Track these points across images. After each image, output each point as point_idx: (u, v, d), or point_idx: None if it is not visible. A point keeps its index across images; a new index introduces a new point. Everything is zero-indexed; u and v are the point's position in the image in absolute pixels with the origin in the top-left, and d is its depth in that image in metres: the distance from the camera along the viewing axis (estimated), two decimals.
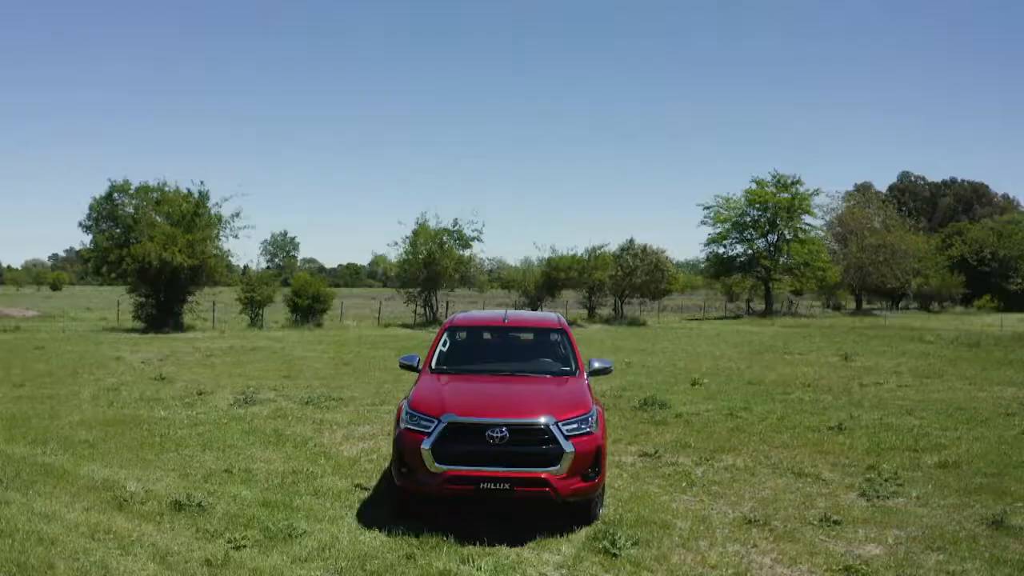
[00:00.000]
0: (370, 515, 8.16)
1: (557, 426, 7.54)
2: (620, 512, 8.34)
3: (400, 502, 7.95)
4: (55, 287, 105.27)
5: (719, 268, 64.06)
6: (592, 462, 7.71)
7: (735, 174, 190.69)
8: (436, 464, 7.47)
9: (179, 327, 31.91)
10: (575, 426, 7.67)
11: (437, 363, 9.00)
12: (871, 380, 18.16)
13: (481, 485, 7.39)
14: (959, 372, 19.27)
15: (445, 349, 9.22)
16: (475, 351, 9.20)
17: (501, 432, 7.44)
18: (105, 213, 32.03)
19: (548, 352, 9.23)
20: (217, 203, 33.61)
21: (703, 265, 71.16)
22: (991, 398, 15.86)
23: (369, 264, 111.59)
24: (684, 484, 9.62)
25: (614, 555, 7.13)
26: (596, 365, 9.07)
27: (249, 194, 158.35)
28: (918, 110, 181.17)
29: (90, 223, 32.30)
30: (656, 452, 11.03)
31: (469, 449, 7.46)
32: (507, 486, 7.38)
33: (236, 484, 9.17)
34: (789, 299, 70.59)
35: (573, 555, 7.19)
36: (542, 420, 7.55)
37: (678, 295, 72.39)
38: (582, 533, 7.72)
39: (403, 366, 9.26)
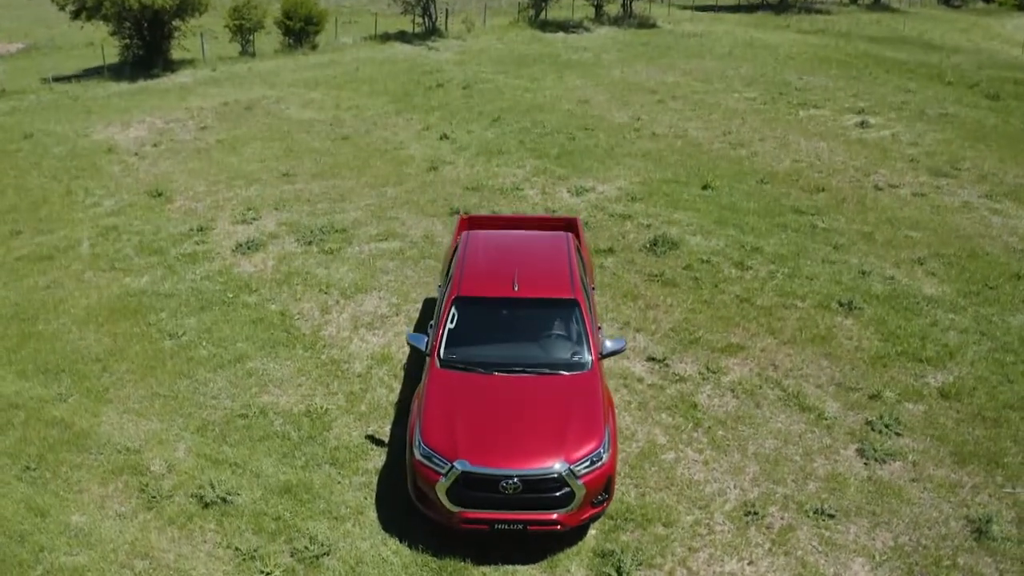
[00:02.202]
0: (388, 502, 8.53)
1: (571, 471, 7.65)
2: (627, 504, 8.64)
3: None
4: None
5: None
6: (603, 489, 7.94)
7: None
8: (451, 504, 7.70)
9: (168, 66, 30.10)
10: (587, 464, 7.77)
11: (446, 351, 8.81)
12: (887, 180, 17.60)
13: (496, 526, 7.69)
14: (977, 163, 18.57)
15: (453, 327, 8.97)
16: (483, 332, 8.94)
17: (514, 482, 7.57)
18: None
19: (560, 332, 8.98)
20: None
21: None
22: (1005, 229, 15.51)
23: None
24: (690, 425, 9.87)
25: None
26: (608, 346, 8.91)
27: None
28: None
29: None
30: (663, 357, 11.14)
31: (483, 496, 7.65)
32: (521, 526, 7.69)
33: (255, 450, 9.42)
34: None
35: None
36: (555, 469, 7.63)
37: None
38: (590, 546, 8.14)
39: (411, 346, 9.09)
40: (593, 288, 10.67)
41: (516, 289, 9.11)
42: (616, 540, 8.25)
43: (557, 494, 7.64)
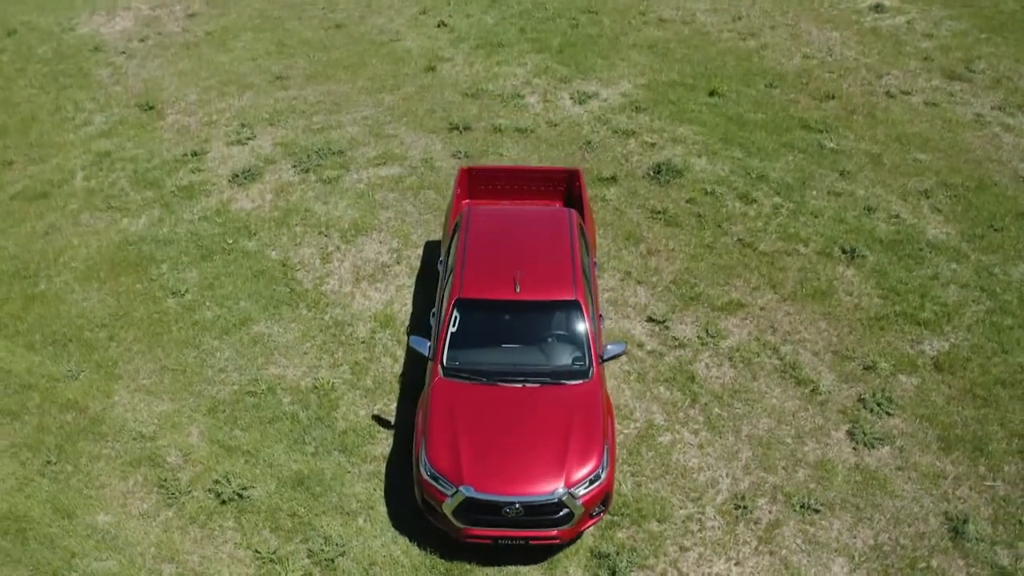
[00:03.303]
0: (396, 495, 9.02)
1: (570, 495, 8.02)
2: (624, 497, 9.09)
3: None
4: None
5: None
6: (600, 502, 8.36)
7: None
8: (457, 522, 8.14)
9: None
10: (586, 485, 8.13)
11: (448, 358, 8.97)
12: (898, 85, 16.93)
13: (499, 541, 8.17)
14: (992, 63, 17.71)
15: (455, 330, 9.08)
16: (485, 337, 9.05)
17: (516, 508, 7.97)
18: None
19: (562, 336, 9.08)
20: None
21: None
22: (1016, 152, 15.10)
23: None
24: (688, 401, 10.19)
25: None
26: (610, 350, 9.05)
27: None
28: None
29: None
30: (663, 318, 11.31)
31: (487, 518, 8.07)
32: (523, 541, 8.18)
33: (265, 434, 9.79)
34: None
35: None
36: (555, 495, 7.99)
37: None
38: (587, 546, 8.66)
39: (413, 350, 9.24)
40: (595, 264, 10.63)
41: (518, 291, 9.11)
42: (612, 539, 8.73)
43: (557, 515, 8.04)
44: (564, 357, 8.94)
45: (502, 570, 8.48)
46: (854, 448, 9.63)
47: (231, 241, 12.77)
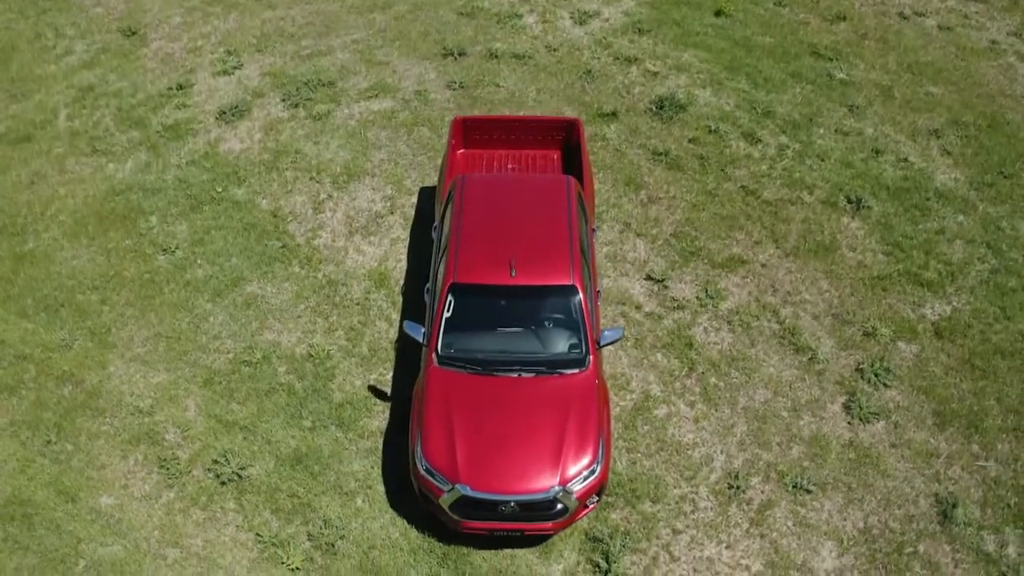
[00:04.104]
0: (393, 473, 9.14)
1: (565, 491, 8.12)
2: (619, 475, 9.20)
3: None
4: None
5: None
6: (596, 494, 8.49)
7: None
8: (454, 515, 8.30)
9: None
10: (581, 480, 8.23)
11: (443, 346, 8.89)
12: (911, 5, 16.03)
13: (495, 532, 8.35)
14: None
15: (450, 315, 8.97)
16: (480, 324, 8.93)
17: (512, 506, 8.10)
18: None
19: (559, 322, 8.95)
20: None
21: None
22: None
23: None
24: (685, 370, 10.19)
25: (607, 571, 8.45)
26: (607, 335, 8.95)
27: None
28: None
29: None
30: (662, 277, 11.17)
31: (483, 513, 8.21)
32: (518, 533, 8.36)
33: (262, 407, 9.83)
34: None
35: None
36: (551, 493, 8.08)
37: None
38: (582, 529, 8.85)
39: (408, 334, 9.15)
40: (593, 231, 10.38)
41: (513, 275, 8.92)
42: (606, 520, 8.89)
43: (552, 510, 8.16)
44: (560, 345, 8.85)
45: (498, 553, 8.67)
46: (849, 423, 9.67)
47: (220, 189, 12.44)
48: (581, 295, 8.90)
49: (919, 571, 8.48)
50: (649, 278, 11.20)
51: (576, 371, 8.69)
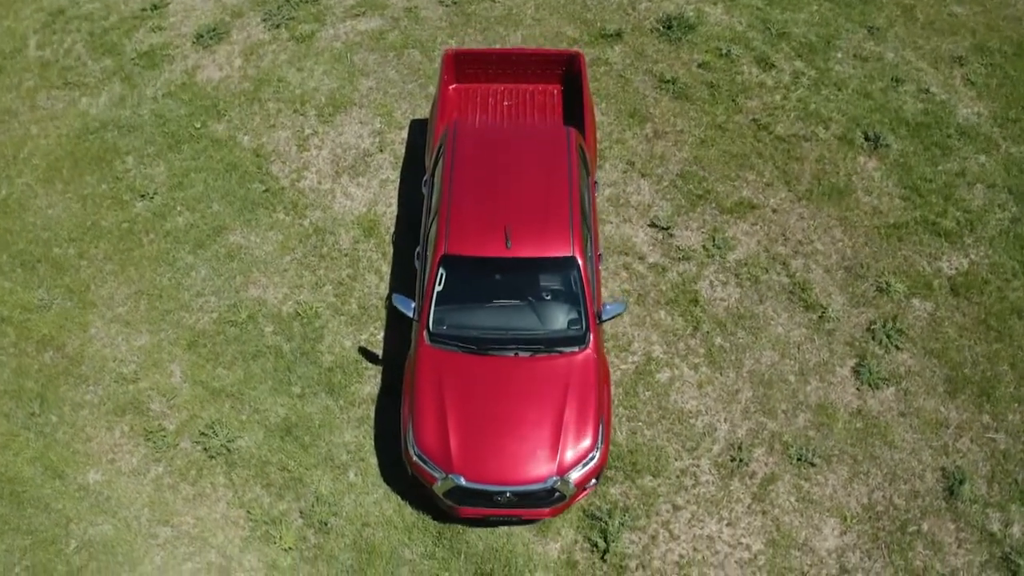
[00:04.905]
0: (385, 444, 8.94)
1: (563, 480, 7.89)
2: (618, 446, 8.96)
3: None
4: None
5: None
6: (595, 478, 8.28)
7: None
8: (449, 501, 8.11)
9: None
10: (580, 468, 7.99)
11: (435, 322, 8.46)
12: None
13: (490, 518, 8.19)
14: None
15: (441, 290, 8.50)
16: (473, 299, 8.46)
17: (508, 496, 7.89)
18: None
19: (557, 297, 8.48)
20: None
21: None
22: None
23: None
24: (689, 330, 9.83)
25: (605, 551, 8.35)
26: (609, 310, 8.52)
27: None
28: None
29: None
30: (668, 224, 10.66)
31: (479, 501, 8.01)
32: (515, 519, 8.20)
33: (249, 372, 9.50)
34: None
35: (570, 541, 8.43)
36: (548, 483, 7.85)
37: None
38: (580, 506, 8.68)
39: (396, 307, 8.70)
40: (595, 184, 9.76)
41: (509, 247, 8.38)
42: (606, 496, 8.71)
43: (549, 499, 7.94)
44: (559, 321, 8.40)
45: (494, 532, 8.53)
46: (858, 389, 9.35)
47: (199, 125, 11.70)
48: (581, 267, 8.38)
49: (921, 551, 8.33)
50: (653, 225, 10.65)
51: (575, 349, 8.27)
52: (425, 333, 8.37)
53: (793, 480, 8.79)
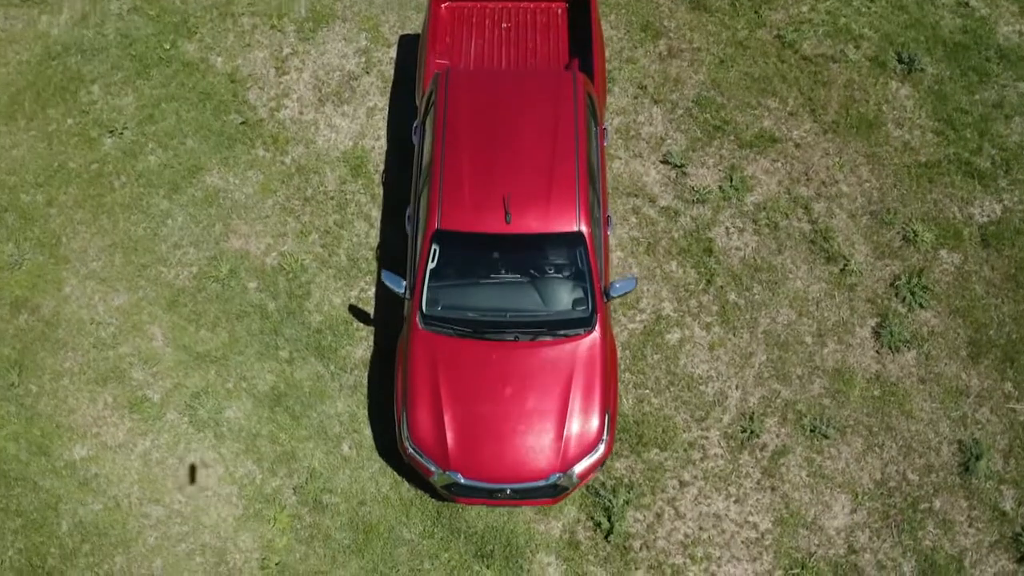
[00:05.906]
0: (378, 414, 8.61)
1: (567, 476, 7.57)
2: (624, 417, 8.61)
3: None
4: None
5: None
6: (598, 470, 7.97)
7: None
8: (446, 492, 7.85)
9: None
10: (584, 462, 7.65)
11: (428, 304, 7.88)
12: None
13: (491, 505, 7.96)
14: None
15: (435, 267, 7.88)
16: (470, 278, 7.80)
17: (507, 493, 7.60)
18: None
19: (561, 275, 7.82)
20: None
21: None
22: None
23: None
24: (702, 285, 9.28)
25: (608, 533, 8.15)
26: (618, 287, 7.91)
27: None
28: None
29: None
30: (682, 161, 9.89)
31: (477, 495, 7.73)
32: (517, 507, 7.97)
33: (234, 334, 9.03)
34: None
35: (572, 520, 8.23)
36: (550, 480, 7.53)
37: None
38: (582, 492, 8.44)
39: (387, 286, 8.09)
40: (604, 130, 8.89)
41: (509, 222, 7.67)
42: (610, 471, 8.43)
43: (551, 493, 7.66)
44: (564, 302, 7.80)
45: (495, 511, 8.31)
46: (877, 352, 8.88)
47: (168, 47, 10.64)
48: (588, 242, 7.68)
49: (931, 530, 8.11)
50: (666, 162, 9.83)
51: (581, 332, 7.71)
52: (418, 316, 7.77)
53: (805, 453, 8.46)
